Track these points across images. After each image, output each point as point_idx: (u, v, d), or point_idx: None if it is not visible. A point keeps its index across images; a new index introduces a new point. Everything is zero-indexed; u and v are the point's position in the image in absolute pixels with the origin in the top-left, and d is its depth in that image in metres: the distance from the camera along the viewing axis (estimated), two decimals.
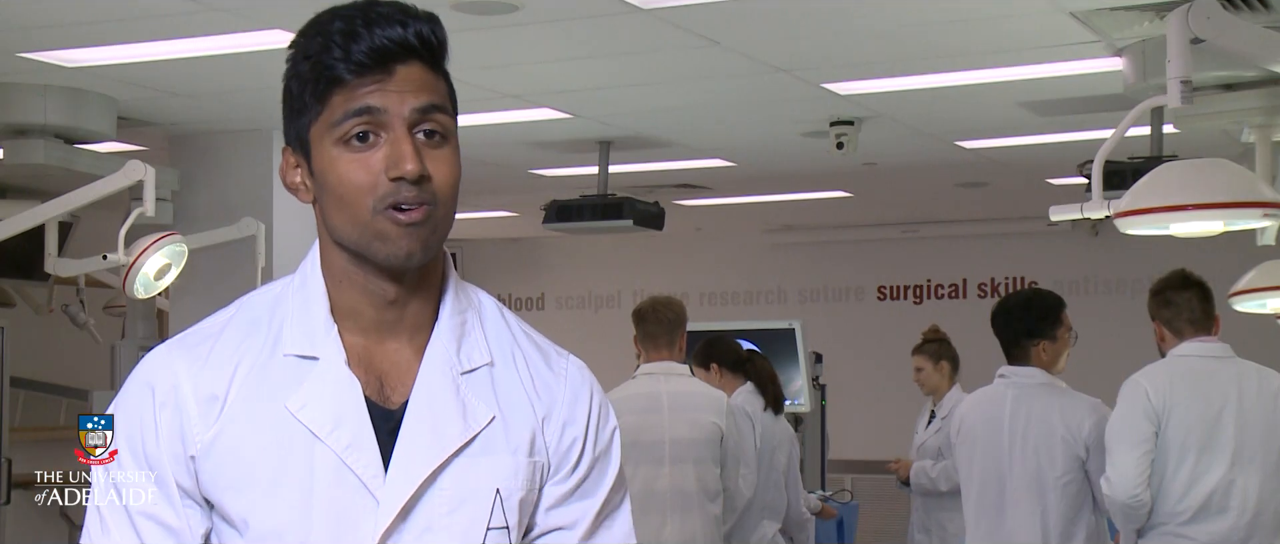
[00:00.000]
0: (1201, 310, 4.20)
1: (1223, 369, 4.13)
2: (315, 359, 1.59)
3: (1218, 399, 4.07)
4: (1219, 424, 4.05)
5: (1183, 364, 4.15)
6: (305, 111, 1.57)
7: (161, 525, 1.58)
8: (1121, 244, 7.63)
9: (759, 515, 5.42)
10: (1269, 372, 4.17)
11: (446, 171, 1.56)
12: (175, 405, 1.57)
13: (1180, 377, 4.11)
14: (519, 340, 1.69)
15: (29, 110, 5.60)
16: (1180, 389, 4.08)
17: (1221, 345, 4.19)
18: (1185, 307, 4.20)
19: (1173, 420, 4.05)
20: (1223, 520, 4.03)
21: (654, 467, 4.75)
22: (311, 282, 1.63)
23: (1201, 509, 4.04)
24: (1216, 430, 4.05)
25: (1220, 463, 4.03)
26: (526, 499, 1.61)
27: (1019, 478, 4.31)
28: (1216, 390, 4.08)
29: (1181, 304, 4.20)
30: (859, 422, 10.66)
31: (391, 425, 1.57)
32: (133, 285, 5.24)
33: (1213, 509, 4.03)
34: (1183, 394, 4.07)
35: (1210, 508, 4.03)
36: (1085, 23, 4.84)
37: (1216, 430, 4.05)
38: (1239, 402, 4.07)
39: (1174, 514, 4.06)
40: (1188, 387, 4.09)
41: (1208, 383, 4.10)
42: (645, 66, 5.57)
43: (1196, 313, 4.20)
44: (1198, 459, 4.04)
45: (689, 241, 12.24)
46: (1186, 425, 4.05)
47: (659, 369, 4.92)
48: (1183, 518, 4.05)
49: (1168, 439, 4.06)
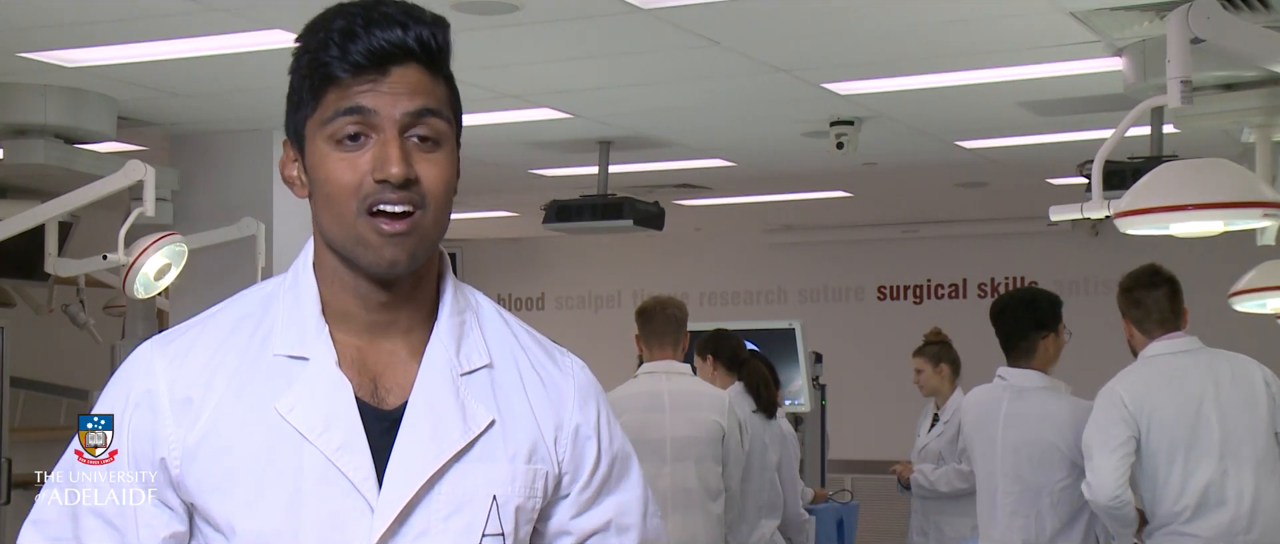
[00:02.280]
0: (1170, 309, 4.21)
1: (1195, 363, 4.14)
2: (305, 360, 1.57)
3: (1195, 394, 4.07)
4: (1200, 419, 4.05)
5: (1155, 365, 4.16)
6: (302, 106, 1.56)
7: (108, 524, 1.56)
8: (1121, 244, 7.60)
9: (757, 514, 5.42)
10: (1241, 358, 4.18)
11: (438, 175, 1.54)
12: (148, 407, 1.56)
13: (1155, 379, 4.12)
14: (521, 340, 1.67)
15: (29, 110, 5.59)
16: (1157, 392, 4.09)
17: (1190, 339, 4.19)
18: (1154, 307, 4.21)
19: (1155, 424, 4.06)
20: (1222, 513, 4.03)
21: (655, 465, 4.75)
22: (303, 280, 1.61)
23: (1199, 506, 4.04)
24: (1198, 426, 4.05)
25: (1209, 457, 4.04)
26: (523, 507, 1.59)
27: (1010, 481, 4.31)
28: (1192, 386, 4.09)
29: (1151, 304, 4.21)
30: (859, 422, 10.66)
31: (385, 426, 1.55)
32: (133, 285, 5.24)
33: (1210, 504, 4.04)
34: (1160, 396, 4.08)
35: (1207, 503, 4.04)
36: (1085, 23, 4.84)
37: (1198, 426, 4.05)
38: (1216, 393, 4.08)
39: (1175, 515, 4.06)
40: (1164, 387, 4.09)
41: (1182, 380, 4.10)
42: (645, 66, 5.57)
43: (1165, 312, 4.21)
44: (1186, 457, 4.04)
45: (689, 242, 12.24)
46: (1168, 426, 4.05)
47: (661, 368, 4.92)
48: (1184, 517, 4.05)
49: (1154, 443, 4.06)
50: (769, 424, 5.56)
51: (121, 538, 1.56)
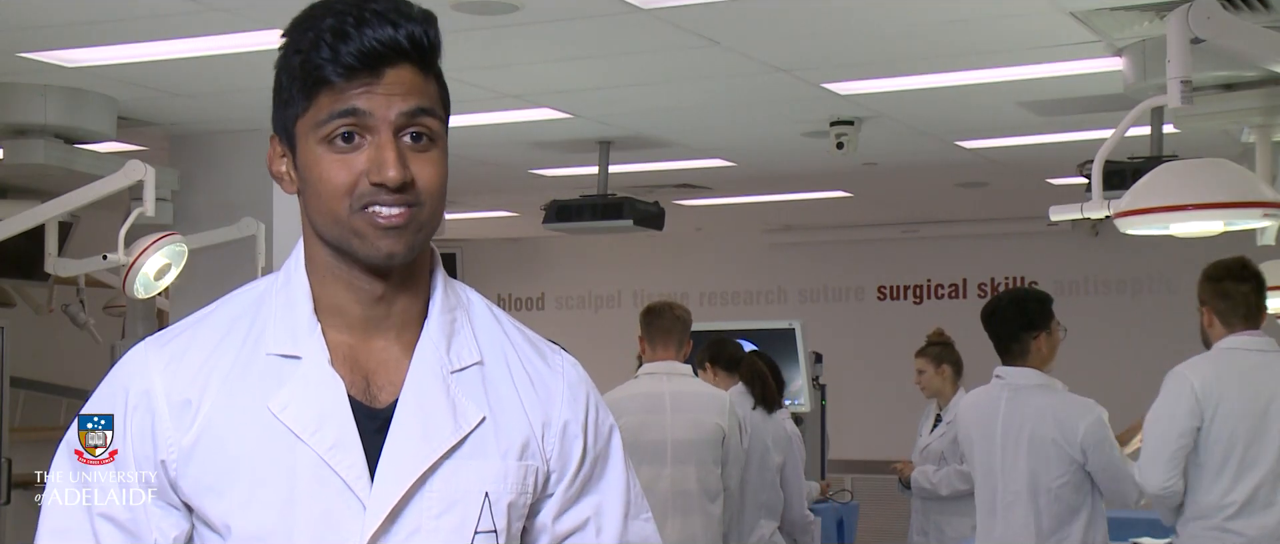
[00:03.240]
0: (1256, 304, 4.17)
1: (1269, 363, 4.11)
2: (298, 358, 1.56)
3: (1265, 394, 4.05)
4: (1266, 419, 4.03)
5: (1230, 357, 4.12)
6: (292, 104, 1.55)
7: (120, 528, 1.55)
8: (1121, 244, 7.62)
9: (756, 514, 5.42)
10: None
11: (432, 173, 1.54)
12: (147, 408, 1.55)
13: (1228, 371, 4.09)
14: (511, 337, 1.67)
15: (29, 110, 5.59)
16: (1229, 384, 4.05)
17: (1268, 339, 4.15)
18: (1242, 301, 4.15)
19: (1219, 415, 4.03)
20: (1270, 515, 4.01)
21: (655, 467, 4.75)
22: (295, 279, 1.61)
23: (1247, 503, 4.01)
24: (1263, 425, 4.02)
25: (1266, 457, 4.01)
26: (515, 503, 1.59)
27: (1013, 480, 4.30)
28: (1264, 385, 4.06)
29: (1238, 298, 4.15)
30: (859, 422, 10.67)
31: (377, 424, 1.55)
32: (133, 285, 5.24)
33: (1259, 504, 4.01)
34: (1231, 389, 4.04)
35: (1256, 503, 4.01)
36: (1085, 23, 4.85)
37: (1263, 425, 4.02)
38: None
39: (1219, 508, 4.04)
40: (1236, 381, 4.06)
41: (1255, 377, 4.07)
42: (645, 66, 5.57)
43: (1251, 306, 4.16)
44: (1244, 454, 4.02)
45: (689, 241, 12.24)
46: (1233, 420, 4.02)
47: (662, 369, 4.92)
48: (1228, 512, 4.02)
49: (1214, 434, 4.03)
50: (771, 423, 5.57)
51: (135, 541, 1.56)
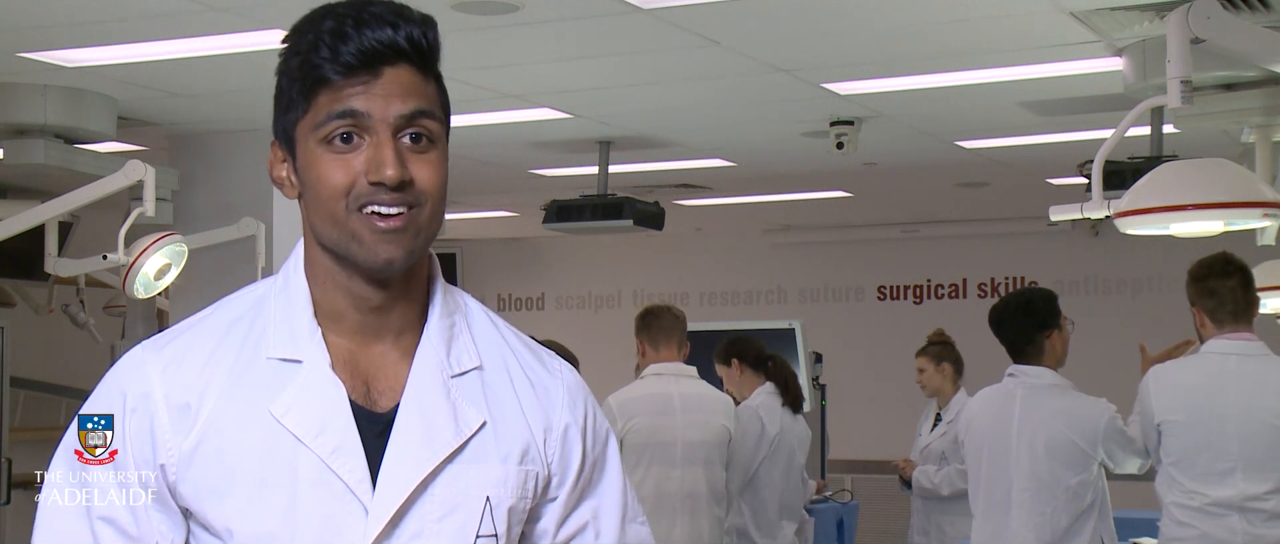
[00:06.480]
0: (1244, 298, 4.16)
1: (1241, 367, 4.10)
2: (299, 362, 1.56)
3: (1222, 400, 4.05)
4: (1216, 423, 4.04)
5: (1201, 362, 4.15)
6: (293, 108, 1.55)
7: (120, 531, 1.55)
8: (1121, 244, 7.63)
9: (779, 515, 5.44)
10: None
11: (431, 175, 1.54)
12: (146, 411, 1.55)
13: (1191, 374, 4.14)
14: (509, 343, 1.67)
15: (29, 110, 5.59)
16: (1182, 390, 4.10)
17: (1250, 343, 4.12)
18: (1228, 297, 4.14)
19: (1175, 426, 4.08)
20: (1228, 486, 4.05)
21: (666, 468, 4.77)
22: (294, 283, 1.61)
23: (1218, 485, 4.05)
24: (1215, 431, 4.04)
25: (1226, 463, 4.03)
26: (516, 507, 1.59)
27: (1025, 479, 4.29)
28: (1221, 392, 4.07)
29: (1225, 294, 4.14)
30: (859, 422, 10.66)
31: (379, 429, 1.55)
32: (133, 285, 5.24)
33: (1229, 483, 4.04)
34: (1197, 396, 4.08)
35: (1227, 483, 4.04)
36: (1085, 23, 4.84)
37: (1215, 431, 4.04)
38: (1249, 401, 4.05)
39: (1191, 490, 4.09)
40: (1190, 387, 4.10)
41: (1214, 382, 4.09)
42: (645, 66, 5.57)
43: (1239, 302, 4.14)
44: (1210, 465, 4.05)
45: (689, 241, 12.23)
46: (1188, 430, 4.05)
47: (669, 370, 4.94)
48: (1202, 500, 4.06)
49: (1167, 445, 4.10)
50: (796, 424, 5.60)
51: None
